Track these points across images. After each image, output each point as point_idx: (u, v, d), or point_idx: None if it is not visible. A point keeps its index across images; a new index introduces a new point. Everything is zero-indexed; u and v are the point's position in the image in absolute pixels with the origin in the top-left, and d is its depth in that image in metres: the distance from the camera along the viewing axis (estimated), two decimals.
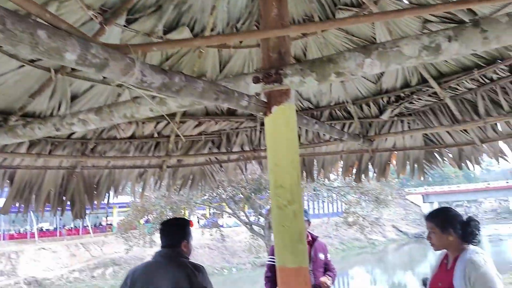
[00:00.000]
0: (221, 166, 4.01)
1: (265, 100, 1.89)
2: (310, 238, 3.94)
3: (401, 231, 36.51)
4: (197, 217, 29.00)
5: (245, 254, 21.36)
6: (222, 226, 24.15)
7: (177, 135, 3.35)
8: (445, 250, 2.81)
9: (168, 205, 9.54)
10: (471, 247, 2.62)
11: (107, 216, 31.34)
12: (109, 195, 3.51)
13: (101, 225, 30.88)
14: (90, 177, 3.30)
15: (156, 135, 3.38)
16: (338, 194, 10.32)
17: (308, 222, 3.94)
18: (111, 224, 28.92)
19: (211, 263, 23.55)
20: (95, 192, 3.38)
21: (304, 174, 4.18)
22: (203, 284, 2.66)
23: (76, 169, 3.16)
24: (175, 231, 2.82)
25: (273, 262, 3.85)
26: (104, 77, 2.65)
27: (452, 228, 2.61)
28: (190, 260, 2.81)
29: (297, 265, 1.82)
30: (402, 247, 32.54)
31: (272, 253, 4.03)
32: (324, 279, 3.63)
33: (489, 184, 53.60)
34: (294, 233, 1.84)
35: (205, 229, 17.52)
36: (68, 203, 3.27)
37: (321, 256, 3.90)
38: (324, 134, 3.76)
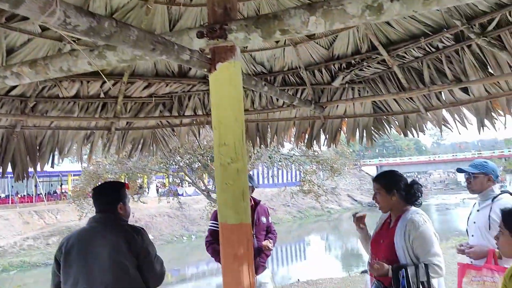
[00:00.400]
0: (173, 130, 3.95)
1: (210, 56, 1.85)
2: (252, 202, 4.02)
3: (355, 200, 37.95)
4: (156, 185, 28.75)
5: (204, 221, 21.54)
6: (181, 195, 24.13)
7: (126, 96, 3.25)
8: (387, 214, 2.96)
9: (123, 171, 9.35)
10: (413, 208, 2.79)
11: (61, 184, 30.46)
12: (53, 157, 3.38)
13: (56, 193, 30.02)
14: (32, 138, 3.16)
15: (102, 95, 3.25)
16: (295, 162, 10.49)
17: (252, 188, 3.99)
18: (66, 192, 28.15)
19: (171, 231, 23.61)
20: (38, 154, 3.25)
21: (258, 140, 4.21)
22: (144, 246, 2.62)
23: (16, 128, 3.01)
24: (109, 195, 2.73)
25: (214, 227, 3.91)
26: (42, 30, 2.50)
27: (396, 189, 2.77)
28: (128, 223, 2.76)
29: (239, 221, 1.84)
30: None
31: (214, 218, 4.07)
32: (266, 242, 3.74)
33: (438, 156, 56.39)
34: (237, 190, 1.85)
35: (164, 197, 17.42)
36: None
37: (263, 219, 4.00)
38: (277, 100, 3.78)
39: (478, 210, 3.29)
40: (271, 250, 3.81)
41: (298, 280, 9.08)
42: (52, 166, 3.43)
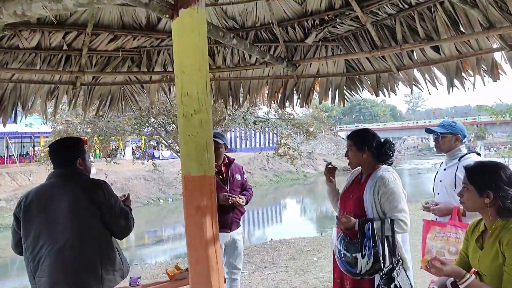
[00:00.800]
0: (142, 87, 3.84)
1: (172, 1, 1.77)
2: (226, 160, 4.03)
3: (335, 166, 38.63)
4: (132, 148, 28.45)
5: (180, 185, 21.54)
6: (157, 158, 23.98)
7: (90, 49, 3.11)
8: (360, 168, 3.01)
9: (95, 132, 9.13)
10: (384, 166, 2.84)
11: (33, 146, 29.80)
12: (16, 112, 3.25)
13: (28, 154, 29.39)
14: None
15: (65, 47, 3.10)
16: (270, 125, 10.48)
17: (225, 145, 3.98)
18: (38, 154, 27.59)
19: (147, 193, 23.60)
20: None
21: (230, 99, 4.15)
22: (107, 199, 2.58)
23: None
24: (67, 150, 2.66)
25: None
26: None
27: (367, 147, 2.81)
28: (89, 177, 2.71)
29: (202, 173, 1.82)
30: None
31: None
32: (237, 198, 3.76)
33: (413, 123, 57.54)
34: (201, 142, 1.82)
35: (140, 160, 17.29)
36: None
37: (238, 177, 4.02)
38: (249, 57, 3.70)
39: (444, 169, 3.37)
40: (242, 205, 3.84)
41: (271, 239, 9.30)
42: (15, 122, 3.30)
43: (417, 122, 57.00)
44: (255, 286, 5.38)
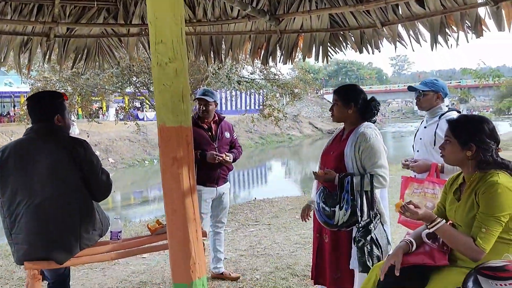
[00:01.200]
0: (120, 41, 3.71)
1: None
2: (217, 117, 4.00)
3: (316, 128, 38.83)
4: (116, 109, 28.03)
5: None
6: (142, 119, 23.72)
7: None
8: (342, 126, 3.01)
9: (75, 90, 8.87)
10: (366, 123, 2.84)
11: (14, 106, 29.14)
12: None
13: (9, 114, 28.79)
14: None
15: None
16: (255, 86, 10.34)
17: (215, 103, 3.95)
18: (19, 114, 27.02)
19: (132, 155, 23.48)
20: None
21: (212, 55, 4.05)
22: (87, 158, 2.54)
23: None
24: (46, 105, 2.58)
25: None
26: None
27: (353, 103, 2.79)
28: (70, 135, 2.66)
29: (178, 124, 1.79)
30: (316, 141, 34.85)
31: None
32: (224, 156, 3.76)
33: (398, 86, 57.70)
34: (176, 92, 1.78)
35: (123, 122, 17.09)
36: None
37: (227, 134, 4.01)
38: (231, 9, 3.58)
39: (425, 127, 3.40)
40: (229, 162, 3.86)
41: (255, 198, 9.41)
42: None
43: (403, 85, 57.13)
44: (238, 242, 5.49)
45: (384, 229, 2.71)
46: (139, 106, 23.55)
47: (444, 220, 1.94)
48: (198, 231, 1.87)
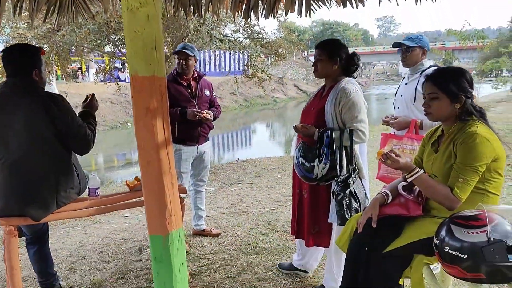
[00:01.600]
0: None
1: None
2: (196, 75, 3.91)
3: (301, 90, 38.67)
4: (96, 70, 27.34)
5: None
6: (123, 80, 23.17)
7: None
8: (322, 84, 2.97)
9: (52, 48, 8.51)
10: (347, 78, 2.80)
11: None
12: None
13: None
14: None
15: None
16: (238, 45, 10.10)
17: (195, 58, 3.84)
18: None
19: (114, 117, 23.15)
20: None
21: (192, 8, 3.90)
22: (63, 113, 2.48)
23: None
24: (22, 58, 2.48)
25: None
26: None
27: (338, 58, 2.73)
28: (46, 90, 2.57)
29: (151, 73, 1.72)
30: (301, 103, 34.80)
31: None
32: (204, 113, 3.70)
33: (383, 48, 57.38)
34: (148, 39, 1.70)
35: (103, 82, 16.67)
36: None
37: (207, 92, 3.94)
38: None
39: (406, 84, 3.38)
40: (210, 120, 3.80)
41: (238, 159, 9.45)
42: None
43: (389, 47, 56.79)
44: (220, 201, 5.53)
45: (362, 184, 2.74)
46: (120, 66, 22.92)
47: (422, 170, 1.95)
48: (174, 183, 1.85)
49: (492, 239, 1.60)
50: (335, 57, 2.76)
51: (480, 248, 1.60)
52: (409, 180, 1.96)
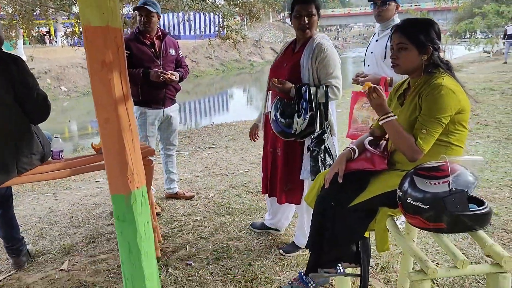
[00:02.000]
0: None
1: None
2: (160, 33, 3.74)
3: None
4: (65, 33, 26.29)
5: None
6: None
7: None
8: (290, 40, 2.91)
9: (15, 9, 7.97)
10: (321, 34, 2.77)
11: None
12: None
13: None
14: None
15: None
16: (210, 5, 9.74)
17: (157, 15, 3.65)
18: None
19: (86, 83, 22.37)
20: None
21: None
22: (22, 77, 2.37)
23: None
24: None
25: None
26: None
27: (319, 15, 2.74)
28: (4, 51, 2.43)
29: (105, 23, 1.62)
30: None
31: None
32: (168, 75, 3.56)
33: (360, 9, 56.86)
34: None
35: (71, 46, 16.01)
36: None
37: (172, 51, 3.78)
38: None
39: (376, 40, 3.34)
40: (175, 81, 3.67)
41: (213, 123, 9.36)
42: None
43: (365, 8, 56.26)
44: (194, 164, 5.49)
45: (333, 141, 2.75)
46: None
47: (396, 117, 1.94)
48: (136, 141, 1.79)
49: (453, 189, 1.61)
50: (319, 11, 2.73)
51: (441, 198, 1.62)
52: (381, 122, 1.95)
